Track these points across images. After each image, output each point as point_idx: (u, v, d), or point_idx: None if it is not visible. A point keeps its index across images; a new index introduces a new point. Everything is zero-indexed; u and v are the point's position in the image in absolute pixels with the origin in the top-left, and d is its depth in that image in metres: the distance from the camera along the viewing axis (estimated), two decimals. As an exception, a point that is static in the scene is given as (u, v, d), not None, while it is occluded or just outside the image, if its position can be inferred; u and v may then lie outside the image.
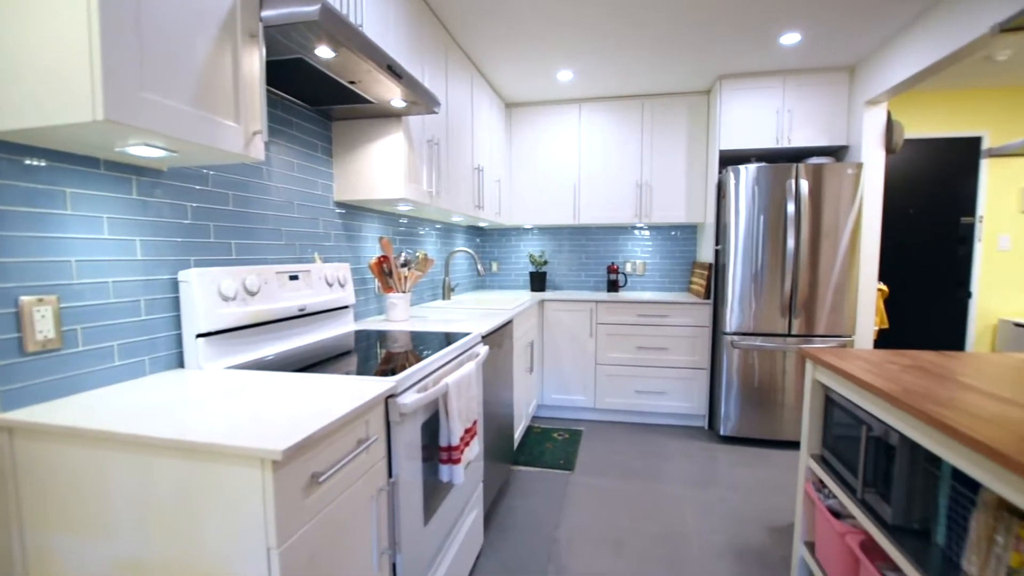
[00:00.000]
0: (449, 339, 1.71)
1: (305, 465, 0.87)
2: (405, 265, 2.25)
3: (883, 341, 3.74)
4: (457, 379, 1.45)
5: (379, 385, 1.13)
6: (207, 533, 0.83)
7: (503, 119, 3.63)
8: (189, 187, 1.36)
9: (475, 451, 1.60)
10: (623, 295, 3.52)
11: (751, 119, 3.16)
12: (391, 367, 1.31)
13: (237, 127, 1.10)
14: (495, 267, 4.18)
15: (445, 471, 1.45)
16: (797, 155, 3.33)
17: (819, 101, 3.08)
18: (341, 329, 1.92)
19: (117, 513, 0.88)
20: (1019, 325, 3.41)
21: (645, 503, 2.34)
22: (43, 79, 0.82)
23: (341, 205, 2.10)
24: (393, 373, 1.24)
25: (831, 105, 3.07)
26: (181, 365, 1.33)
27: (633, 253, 3.93)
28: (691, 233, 3.82)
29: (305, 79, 1.57)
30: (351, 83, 1.60)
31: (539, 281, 3.87)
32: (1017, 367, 1.37)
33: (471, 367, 1.58)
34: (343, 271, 1.94)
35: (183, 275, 1.30)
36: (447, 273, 3.20)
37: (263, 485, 0.80)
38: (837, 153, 3.23)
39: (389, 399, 1.17)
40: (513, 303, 2.86)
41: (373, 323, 2.13)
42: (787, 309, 2.94)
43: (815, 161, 2.95)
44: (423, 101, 1.77)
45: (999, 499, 0.93)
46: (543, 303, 3.47)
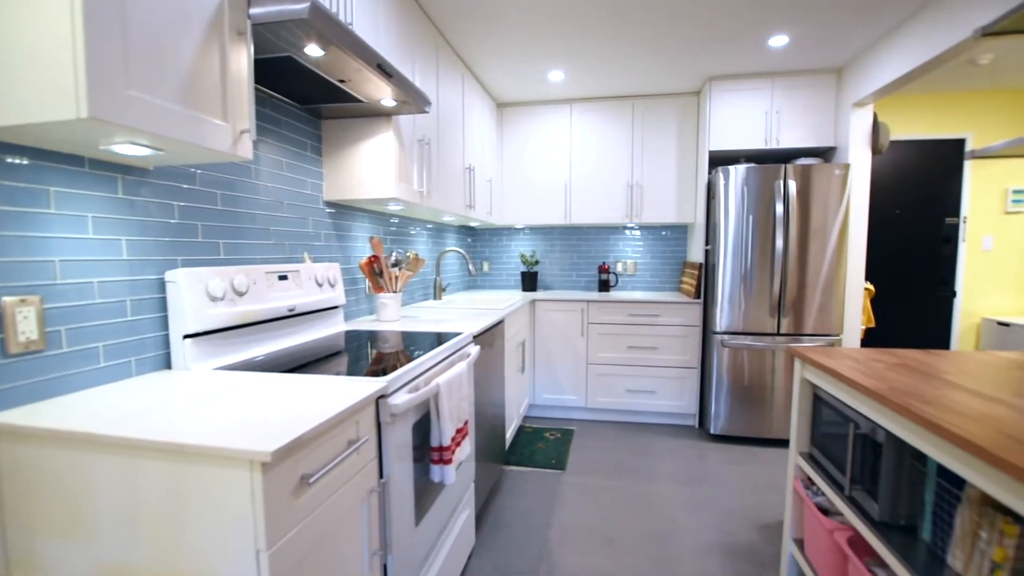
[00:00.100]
0: (440, 339, 1.71)
1: (295, 466, 0.86)
2: (396, 265, 2.24)
3: (870, 340, 3.79)
4: (448, 379, 1.45)
5: (370, 386, 1.13)
6: (195, 536, 0.82)
7: (494, 119, 3.62)
8: (176, 186, 1.34)
9: (466, 451, 1.60)
10: (614, 295, 3.53)
11: (740, 120, 3.18)
12: (382, 367, 1.30)
13: (225, 125, 1.09)
14: (486, 267, 4.18)
15: (436, 471, 1.44)
16: (785, 156, 3.37)
17: (807, 103, 3.11)
18: (331, 329, 1.90)
19: (103, 516, 0.87)
20: (1002, 324, 3.48)
21: (636, 501, 2.35)
22: (26, 76, 0.81)
23: (331, 205, 2.09)
24: (384, 373, 1.23)
25: (819, 107, 3.10)
26: (168, 366, 1.31)
27: (624, 253, 3.94)
28: (681, 233, 3.84)
29: (294, 77, 1.55)
30: (341, 82, 1.59)
31: (530, 281, 3.87)
32: (1000, 365, 1.40)
33: (462, 367, 1.58)
34: (333, 271, 1.92)
35: (170, 275, 1.28)
36: (438, 273, 3.20)
37: (252, 487, 0.79)
38: (825, 154, 3.26)
39: (380, 400, 1.17)
40: (504, 303, 2.86)
41: (364, 323, 2.12)
42: (776, 308, 2.97)
43: (803, 162, 2.98)
44: (414, 100, 1.77)
45: (983, 495, 0.95)
46: (534, 303, 3.47)
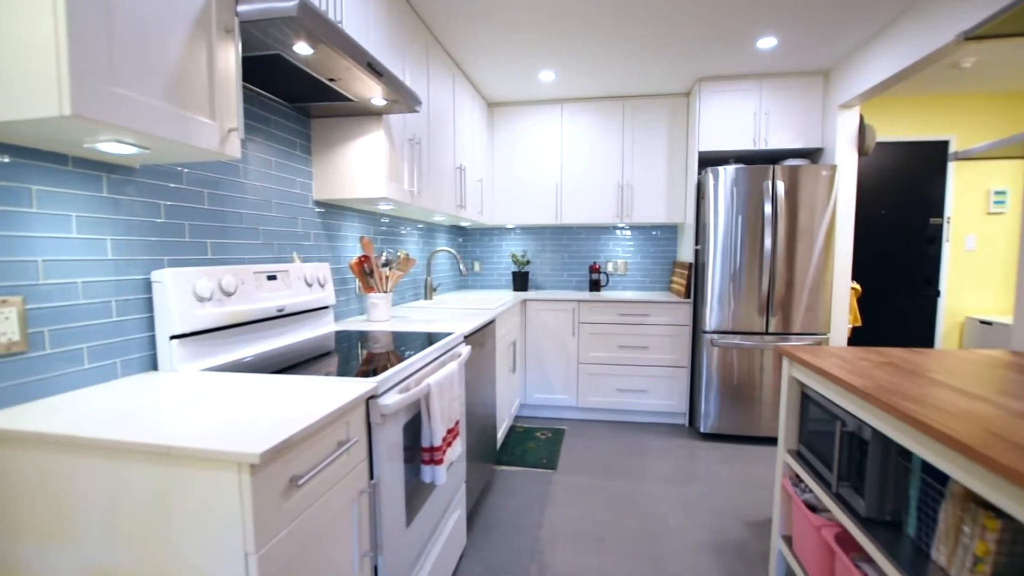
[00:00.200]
0: (431, 339, 1.70)
1: (284, 468, 0.86)
2: (386, 265, 2.23)
3: (856, 339, 3.84)
4: (439, 379, 1.44)
5: (360, 386, 1.12)
6: (183, 539, 0.81)
7: (485, 119, 3.62)
8: (163, 185, 1.33)
9: (457, 451, 1.60)
10: (605, 294, 3.54)
11: (729, 121, 3.21)
12: (372, 368, 1.29)
13: (212, 124, 1.08)
14: (477, 267, 4.17)
15: (427, 472, 1.44)
16: (774, 157, 3.40)
17: (795, 104, 3.14)
18: (321, 330, 1.89)
19: (89, 520, 0.86)
20: (985, 322, 3.54)
21: (627, 500, 2.36)
22: (6, 72, 0.79)
23: (320, 204, 2.07)
24: (374, 374, 1.22)
25: (806, 108, 3.13)
26: (155, 368, 1.30)
27: (615, 253, 3.96)
28: (672, 233, 3.86)
29: (283, 76, 1.54)
30: (331, 80, 1.58)
31: (521, 281, 3.87)
32: (983, 363, 1.42)
33: (453, 367, 1.57)
34: (323, 271, 1.91)
35: (156, 275, 1.27)
36: (429, 273, 3.19)
37: (240, 489, 0.78)
38: (812, 155, 3.30)
39: (370, 400, 1.16)
40: (495, 303, 2.86)
41: (354, 323, 2.11)
42: (765, 308, 3.00)
43: (791, 163, 3.01)
44: (404, 99, 1.76)
45: (966, 491, 0.97)
46: (525, 303, 3.47)
